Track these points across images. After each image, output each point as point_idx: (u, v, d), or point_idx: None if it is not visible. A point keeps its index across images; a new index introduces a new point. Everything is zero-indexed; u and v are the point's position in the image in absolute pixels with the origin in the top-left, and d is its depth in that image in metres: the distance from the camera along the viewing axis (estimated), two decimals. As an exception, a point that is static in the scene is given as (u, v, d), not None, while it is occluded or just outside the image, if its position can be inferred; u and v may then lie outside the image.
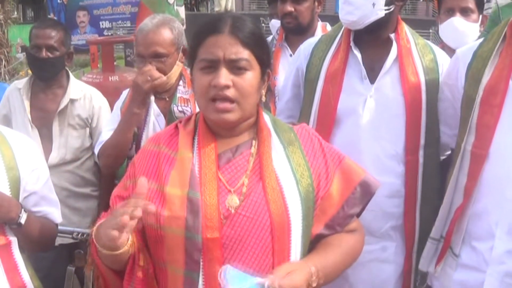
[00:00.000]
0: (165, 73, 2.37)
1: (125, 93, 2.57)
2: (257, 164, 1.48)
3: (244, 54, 1.43)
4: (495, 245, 1.73)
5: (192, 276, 1.40)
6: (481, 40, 1.89)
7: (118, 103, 2.56)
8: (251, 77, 1.44)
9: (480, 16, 2.71)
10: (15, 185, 1.69)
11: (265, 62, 1.49)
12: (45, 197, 1.82)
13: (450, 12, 2.69)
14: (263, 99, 1.53)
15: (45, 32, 2.72)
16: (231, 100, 1.42)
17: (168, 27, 2.37)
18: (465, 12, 2.66)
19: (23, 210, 1.68)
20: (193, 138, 1.51)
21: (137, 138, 2.42)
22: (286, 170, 1.48)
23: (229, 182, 1.46)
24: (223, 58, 1.41)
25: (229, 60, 1.41)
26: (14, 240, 1.68)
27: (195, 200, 1.40)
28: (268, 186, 1.44)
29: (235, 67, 1.42)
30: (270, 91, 2.57)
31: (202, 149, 1.48)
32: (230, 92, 1.41)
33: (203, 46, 1.45)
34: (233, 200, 1.44)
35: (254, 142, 1.51)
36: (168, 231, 1.41)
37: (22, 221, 1.67)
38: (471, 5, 2.66)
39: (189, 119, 1.57)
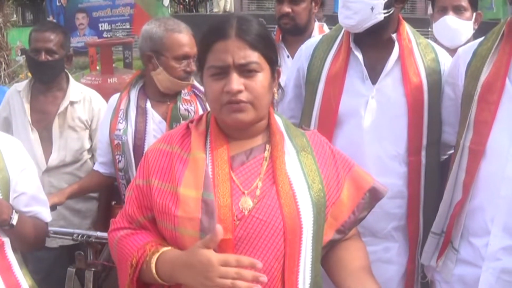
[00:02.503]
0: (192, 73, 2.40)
1: (112, 104, 2.54)
2: (270, 168, 1.48)
3: (253, 57, 1.42)
4: (490, 241, 1.75)
5: None
6: (481, 39, 1.90)
7: (105, 122, 2.53)
8: (262, 78, 1.44)
9: (474, 14, 2.71)
10: (5, 186, 1.70)
11: (274, 61, 1.50)
12: (34, 197, 1.83)
13: (443, 11, 2.69)
14: (276, 97, 1.54)
15: (44, 35, 2.73)
16: (245, 103, 1.42)
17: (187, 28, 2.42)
18: (458, 10, 2.66)
19: (14, 211, 1.69)
20: (206, 139, 1.51)
21: (139, 149, 2.39)
22: (299, 174, 1.49)
23: (243, 185, 1.46)
24: (233, 63, 1.40)
25: (239, 65, 1.41)
26: (6, 240, 1.69)
27: (209, 201, 1.40)
28: (281, 190, 1.44)
29: (246, 71, 1.41)
30: (281, 88, 2.55)
31: (214, 150, 1.47)
32: (243, 96, 1.41)
33: (211, 53, 1.44)
34: (247, 202, 1.43)
35: (267, 146, 1.52)
36: (182, 232, 1.41)
37: (14, 222, 1.68)
38: (464, 3, 2.66)
39: (200, 119, 1.57)
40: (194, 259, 1.33)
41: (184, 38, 2.34)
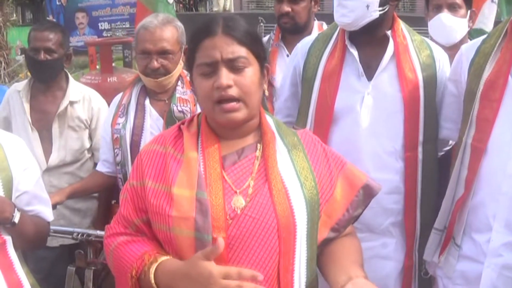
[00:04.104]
0: (170, 71, 2.39)
1: (115, 102, 2.56)
2: (262, 167, 1.48)
3: (241, 51, 1.43)
4: (492, 237, 1.76)
5: None
6: (485, 36, 1.91)
7: (108, 118, 2.55)
8: (251, 73, 1.44)
9: (469, 12, 2.72)
10: (8, 185, 1.70)
11: (262, 57, 1.50)
12: (37, 196, 1.83)
13: (438, 9, 2.70)
14: (266, 93, 1.54)
15: (43, 34, 2.73)
16: (236, 100, 1.42)
17: (173, 25, 2.40)
18: (452, 7, 2.68)
19: (16, 209, 1.69)
20: (197, 140, 1.51)
21: (135, 144, 2.41)
22: (291, 173, 1.49)
23: (235, 184, 1.46)
24: (221, 58, 1.41)
25: (227, 60, 1.41)
26: (8, 239, 1.69)
27: (203, 200, 1.40)
28: (274, 188, 1.44)
29: (234, 66, 1.42)
30: (272, 85, 2.57)
31: (205, 150, 1.48)
32: (233, 91, 1.41)
33: (199, 50, 1.45)
34: (239, 201, 1.44)
35: (259, 145, 1.52)
36: (177, 232, 1.41)
37: (16, 220, 1.68)
38: (458, 0, 2.67)
39: (191, 120, 1.57)
40: (194, 271, 1.33)
41: (147, 34, 2.35)
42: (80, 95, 2.85)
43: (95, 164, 2.83)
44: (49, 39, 2.73)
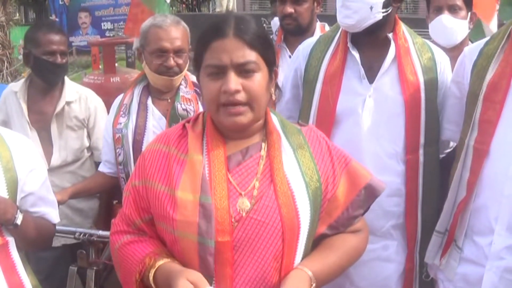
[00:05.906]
0: (182, 69, 2.40)
1: (116, 102, 2.57)
2: (267, 167, 1.48)
3: (251, 56, 1.41)
4: (494, 240, 1.76)
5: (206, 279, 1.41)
6: (488, 38, 1.91)
7: (110, 119, 2.55)
8: (260, 78, 1.43)
9: (469, 13, 2.72)
10: (13, 186, 1.69)
11: (272, 61, 1.49)
12: (42, 198, 1.82)
13: (439, 10, 2.70)
14: (273, 97, 1.53)
15: (57, 37, 2.70)
16: (242, 104, 1.41)
17: (182, 25, 2.42)
18: (453, 9, 2.68)
19: (19, 211, 1.68)
20: (202, 140, 1.50)
21: (138, 144, 2.41)
22: (296, 173, 1.48)
23: (240, 185, 1.45)
24: (230, 62, 1.40)
25: (237, 64, 1.40)
26: (11, 240, 1.68)
27: (207, 205, 1.40)
28: (279, 190, 1.44)
29: (243, 70, 1.41)
30: (279, 89, 2.54)
31: (211, 151, 1.47)
32: (241, 96, 1.40)
33: (208, 52, 1.43)
34: (244, 204, 1.43)
35: (263, 144, 1.51)
36: (181, 235, 1.41)
37: (18, 222, 1.67)
38: (459, 2, 2.68)
39: (196, 119, 1.56)
40: (174, 283, 1.35)
41: (163, 32, 2.35)
42: (76, 95, 2.83)
43: (95, 163, 2.84)
44: (62, 42, 2.73)
